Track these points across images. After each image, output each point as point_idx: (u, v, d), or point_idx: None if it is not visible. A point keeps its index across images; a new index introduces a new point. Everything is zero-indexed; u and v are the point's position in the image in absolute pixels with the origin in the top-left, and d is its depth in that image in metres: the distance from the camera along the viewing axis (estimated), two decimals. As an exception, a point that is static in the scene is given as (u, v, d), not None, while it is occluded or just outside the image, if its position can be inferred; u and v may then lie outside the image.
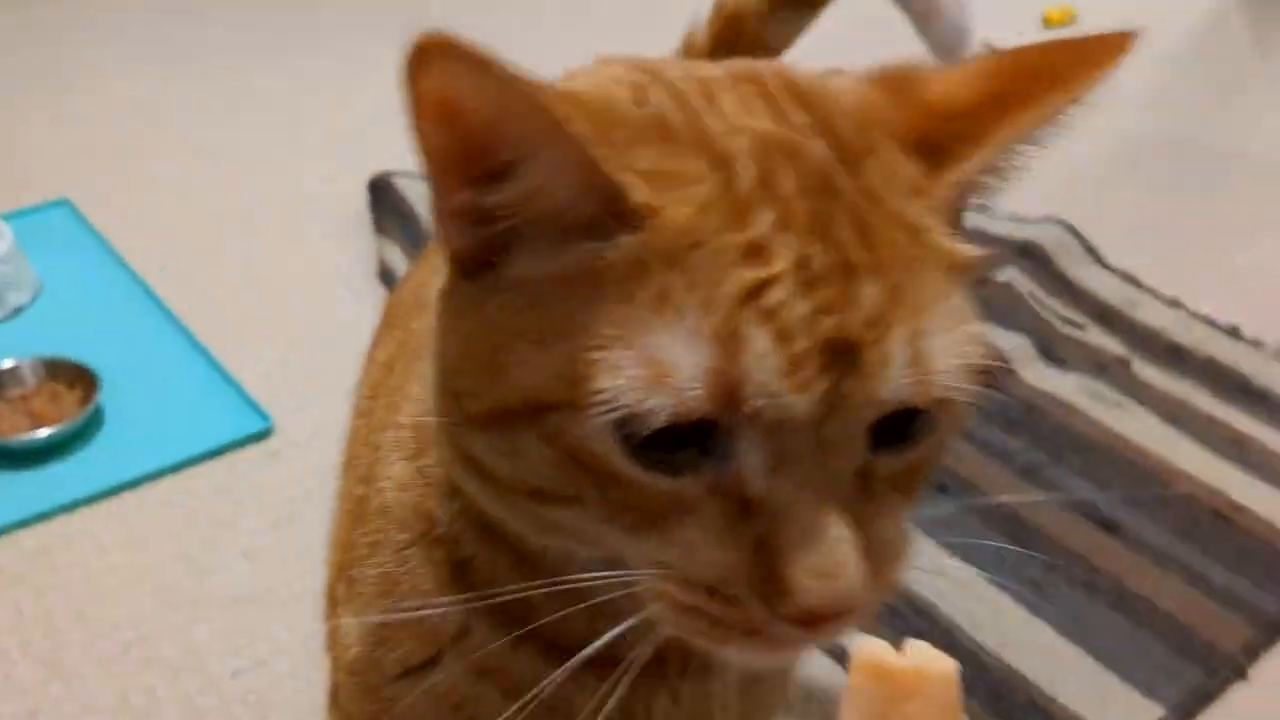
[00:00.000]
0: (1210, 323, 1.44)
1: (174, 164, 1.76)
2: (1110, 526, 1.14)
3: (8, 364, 1.25)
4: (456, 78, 0.36)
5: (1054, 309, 1.44)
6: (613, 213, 0.37)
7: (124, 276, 1.45)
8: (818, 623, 0.39)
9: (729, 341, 0.36)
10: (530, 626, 0.46)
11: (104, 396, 1.22)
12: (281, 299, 1.47)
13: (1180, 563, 1.11)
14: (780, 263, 0.37)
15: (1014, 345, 1.35)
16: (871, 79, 0.44)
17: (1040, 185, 1.75)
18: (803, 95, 0.42)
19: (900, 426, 0.40)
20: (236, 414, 1.24)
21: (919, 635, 1.00)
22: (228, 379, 1.28)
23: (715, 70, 0.44)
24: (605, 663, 0.43)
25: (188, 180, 1.72)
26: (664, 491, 0.39)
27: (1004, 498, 1.16)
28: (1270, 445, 1.25)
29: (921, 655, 0.40)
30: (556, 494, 0.40)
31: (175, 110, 1.92)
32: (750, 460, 0.38)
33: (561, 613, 0.45)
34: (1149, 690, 0.99)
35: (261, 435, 1.22)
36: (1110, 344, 1.39)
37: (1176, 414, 1.29)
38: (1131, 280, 1.51)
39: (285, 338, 1.38)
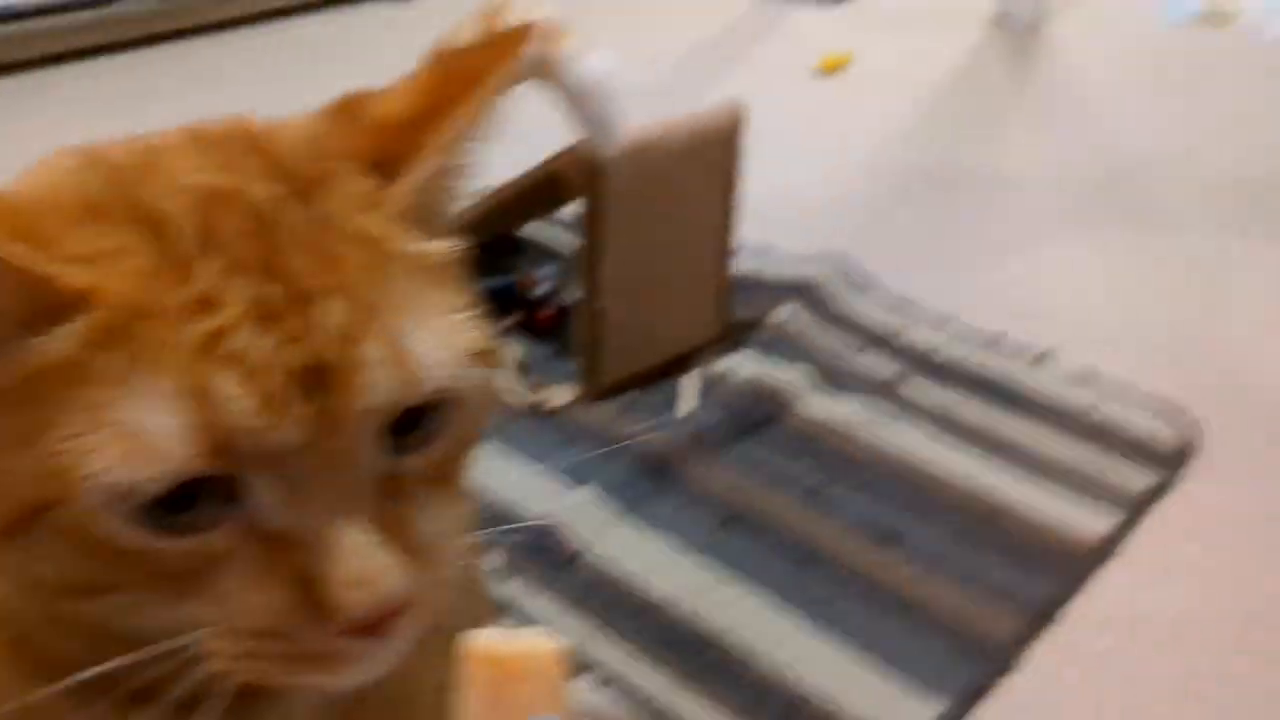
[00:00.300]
0: (976, 337, 1.54)
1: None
2: (890, 538, 1.20)
3: None
4: None
5: (831, 339, 1.51)
6: (51, 305, 0.38)
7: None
8: (375, 628, 0.40)
9: (199, 396, 0.38)
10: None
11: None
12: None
13: (955, 564, 1.17)
14: (234, 307, 0.39)
15: (794, 376, 1.42)
16: (326, 111, 0.47)
17: (814, 223, 1.86)
18: (255, 142, 0.44)
19: (417, 424, 0.42)
20: None
21: (708, 664, 1.04)
22: None
23: (171, 136, 0.45)
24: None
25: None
26: (194, 551, 0.40)
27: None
28: (1032, 445, 1.34)
29: (528, 640, 0.43)
30: (88, 586, 0.41)
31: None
32: (265, 498, 0.40)
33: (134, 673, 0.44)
34: (931, 688, 1.04)
35: None
36: (883, 367, 1.47)
37: (946, 425, 1.37)
38: (902, 304, 1.60)
39: None
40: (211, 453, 0.38)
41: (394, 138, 0.44)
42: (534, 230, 1.75)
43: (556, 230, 1.75)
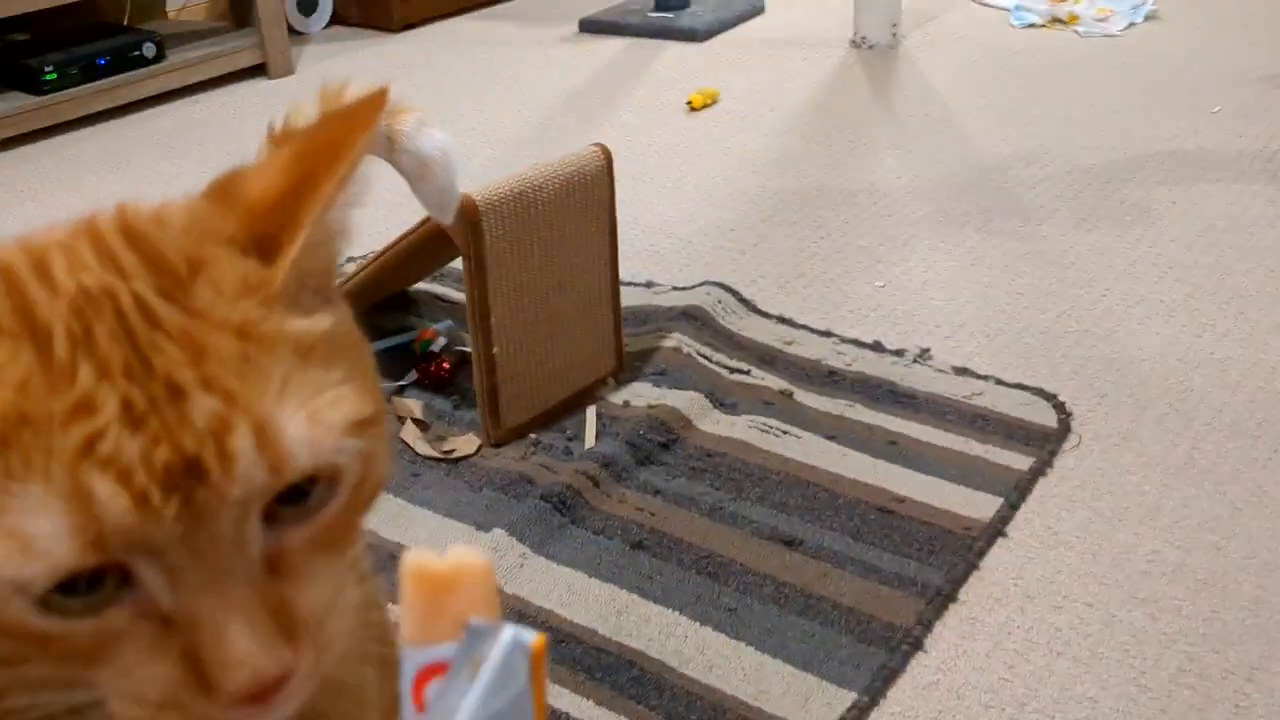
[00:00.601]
0: (857, 343, 1.61)
1: None
2: (792, 543, 1.25)
3: None
4: None
5: (720, 361, 1.57)
6: None
7: None
8: (259, 699, 0.43)
9: (78, 498, 0.40)
10: None
11: None
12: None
13: (855, 559, 1.23)
14: (107, 411, 0.40)
15: (689, 400, 1.47)
16: (205, 193, 0.48)
17: (693, 253, 1.92)
18: (135, 235, 0.45)
19: (302, 495, 0.44)
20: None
21: (631, 683, 1.08)
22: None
23: (58, 233, 0.46)
24: None
25: None
26: (92, 632, 0.42)
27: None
28: (919, 438, 1.41)
29: (458, 555, 0.44)
30: (3, 659, 0.42)
31: None
32: (152, 583, 0.42)
33: None
34: (842, 681, 1.09)
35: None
36: (773, 381, 1.53)
37: (837, 430, 1.43)
38: (785, 321, 1.67)
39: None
40: (93, 548, 0.40)
41: (267, 217, 0.46)
42: (425, 285, 1.78)
43: (448, 283, 1.78)
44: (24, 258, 0.45)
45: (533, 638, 0.43)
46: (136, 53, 2.73)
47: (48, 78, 2.60)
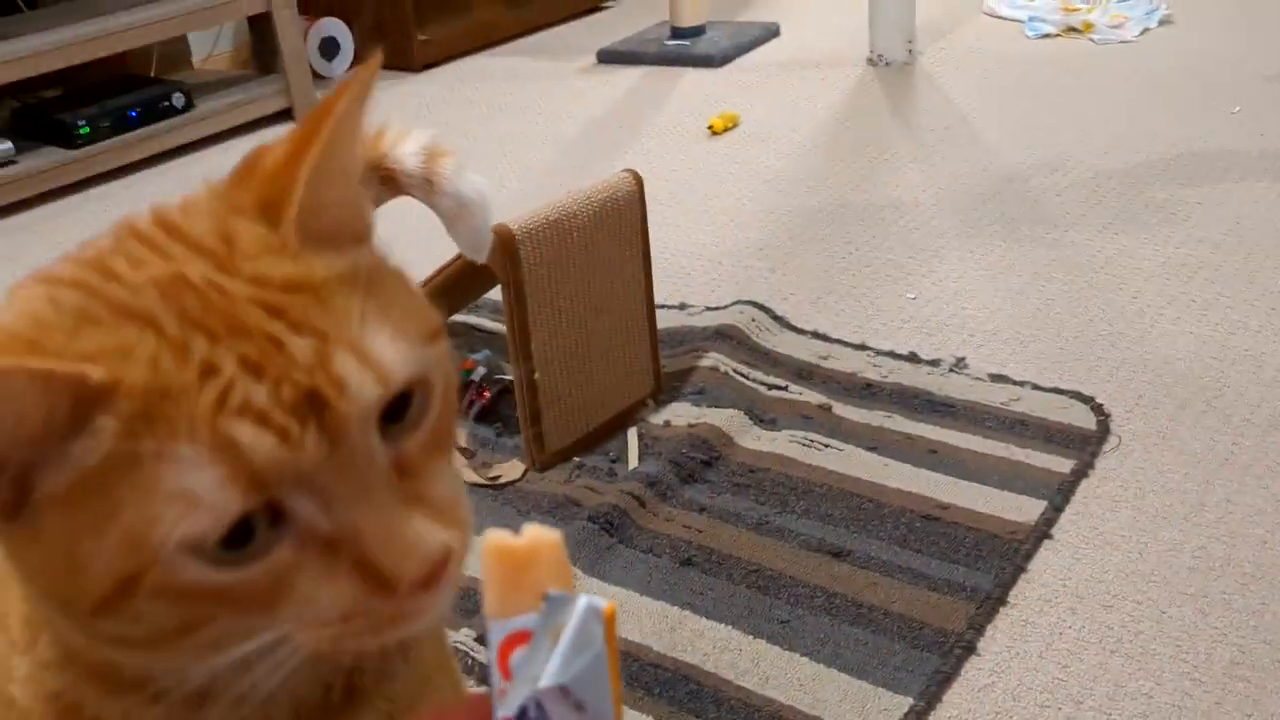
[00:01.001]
0: (892, 355, 1.63)
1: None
2: (840, 553, 1.27)
3: None
4: None
5: (758, 378, 1.59)
6: (83, 404, 0.44)
7: None
8: (429, 582, 0.47)
9: (226, 448, 0.44)
10: None
11: None
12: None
13: (903, 567, 1.24)
14: (228, 369, 0.45)
15: (729, 417, 1.49)
16: (232, 171, 0.53)
17: (724, 274, 1.94)
18: (171, 226, 0.50)
19: (403, 411, 0.49)
20: None
21: (689, 697, 1.10)
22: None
23: (103, 243, 0.51)
24: None
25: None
26: (265, 571, 0.46)
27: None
28: (960, 445, 1.42)
29: (533, 532, 0.48)
30: (191, 625, 0.47)
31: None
32: (308, 512, 0.46)
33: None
34: (897, 687, 1.10)
35: None
36: (812, 395, 1.54)
37: (877, 440, 1.44)
38: (820, 336, 1.69)
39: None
40: (252, 489, 0.44)
41: (271, 184, 0.51)
42: (461, 317, 1.81)
43: (484, 314, 1.81)
44: (86, 269, 0.49)
45: (605, 604, 0.46)
46: (166, 103, 2.79)
47: (81, 132, 2.66)
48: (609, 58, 3.26)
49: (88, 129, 2.67)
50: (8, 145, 2.57)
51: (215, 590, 0.46)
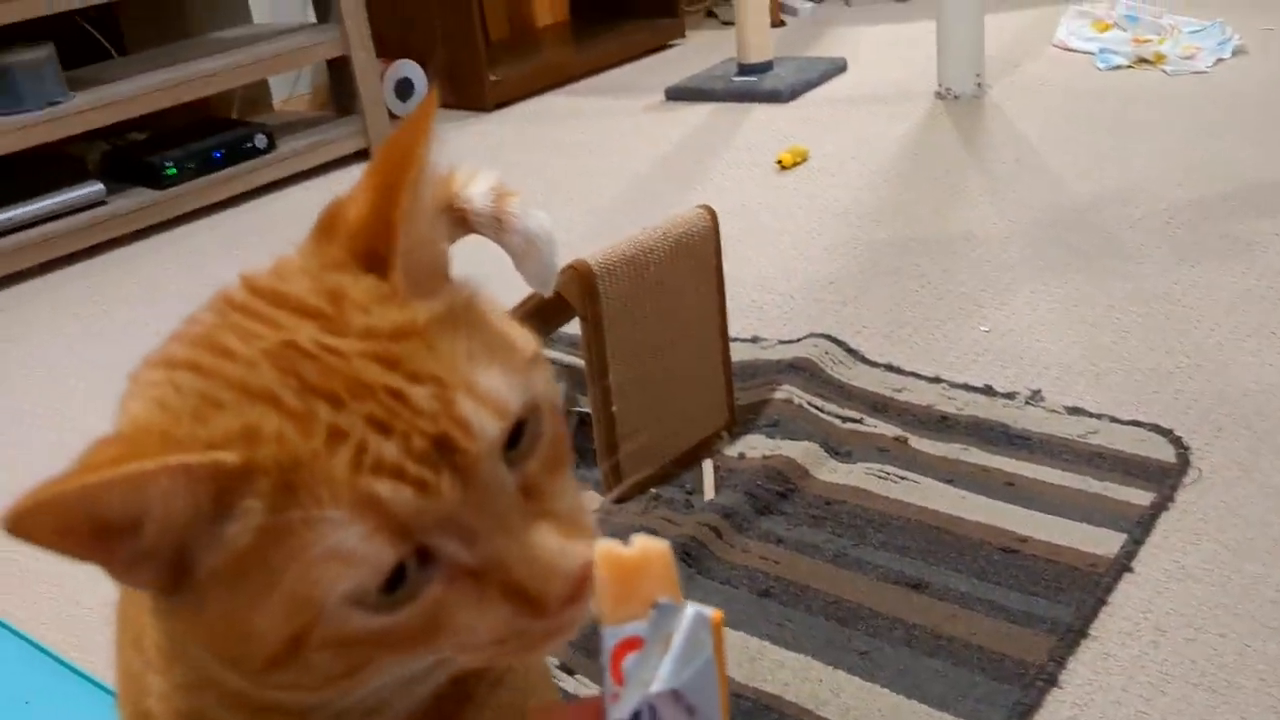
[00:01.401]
0: (967, 388, 1.63)
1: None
2: (918, 585, 1.27)
3: None
4: (48, 525, 0.45)
5: (832, 411, 1.60)
6: (224, 490, 0.46)
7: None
8: (576, 595, 0.50)
9: (369, 505, 0.46)
10: None
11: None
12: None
13: (982, 599, 1.24)
14: (356, 431, 0.47)
15: (804, 450, 1.50)
16: (312, 231, 0.55)
17: (796, 307, 1.95)
18: (269, 294, 0.52)
19: (519, 435, 0.51)
20: (105, 713, 1.27)
21: (769, 727, 1.09)
22: (91, 680, 1.32)
23: (207, 319, 0.52)
24: None
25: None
26: (420, 611, 0.49)
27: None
28: (1037, 478, 1.42)
29: (642, 542, 0.51)
30: (357, 668, 0.49)
31: None
32: (452, 550, 0.48)
33: None
34: (979, 718, 1.10)
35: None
36: (886, 428, 1.55)
37: (954, 473, 1.45)
38: (894, 369, 1.70)
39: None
40: (399, 538, 0.47)
41: (365, 236, 0.52)
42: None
43: (559, 348, 1.84)
44: (198, 350, 0.51)
45: (712, 612, 0.49)
46: (249, 145, 2.88)
47: (168, 173, 2.75)
48: (677, 95, 3.30)
49: (174, 170, 2.76)
50: (99, 186, 2.67)
51: (377, 634, 0.48)
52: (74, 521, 0.45)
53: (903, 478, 1.45)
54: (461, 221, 1.23)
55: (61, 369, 2.10)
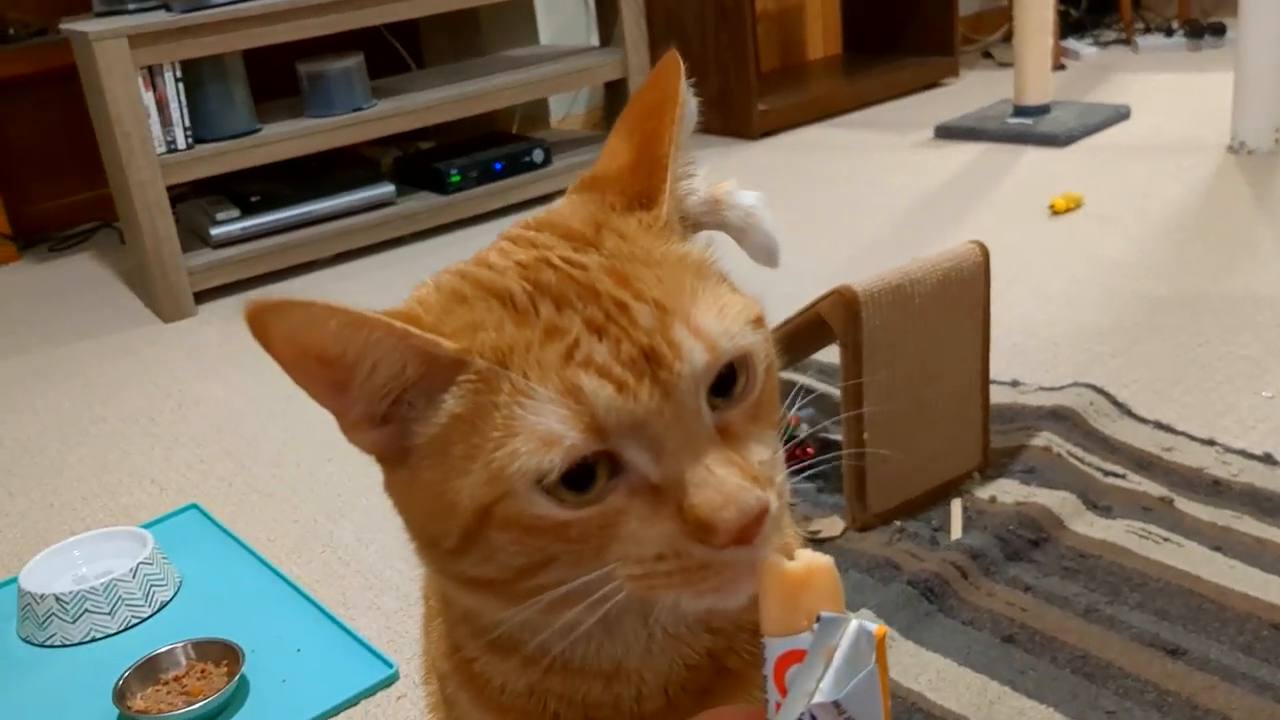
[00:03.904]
0: (1244, 454, 1.54)
1: (279, 468, 1.96)
2: (1175, 651, 1.21)
3: (161, 650, 1.40)
4: (294, 326, 0.52)
5: (1093, 463, 1.55)
6: (442, 368, 0.53)
7: (251, 561, 1.62)
8: (745, 535, 0.51)
9: (572, 395, 0.51)
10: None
11: (247, 668, 1.36)
12: (390, 556, 1.62)
13: (1245, 675, 1.17)
14: (573, 329, 0.52)
15: (1060, 500, 1.46)
16: (575, 190, 0.63)
17: (1062, 355, 1.89)
18: (541, 224, 0.60)
19: (729, 385, 0.55)
20: (364, 665, 1.37)
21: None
22: (353, 636, 1.42)
23: (493, 246, 0.61)
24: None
25: (294, 482, 1.91)
26: (599, 513, 0.53)
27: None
28: (1318, 557, 1.33)
29: (807, 557, 0.53)
30: (534, 563, 0.54)
31: (271, 418, 2.14)
32: (639, 461, 0.52)
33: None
34: (1235, 797, 1.04)
35: (388, 681, 1.35)
36: (1151, 487, 1.48)
37: (1223, 541, 1.37)
38: (1164, 428, 1.62)
39: (399, 590, 1.53)
40: (593, 433, 0.51)
41: (635, 177, 0.60)
42: (791, 374, 1.86)
43: (810, 374, 1.85)
44: (468, 264, 0.60)
45: (875, 626, 0.49)
46: (527, 158, 3.03)
47: (453, 180, 2.93)
48: (947, 133, 3.26)
49: (459, 177, 2.94)
50: (390, 188, 2.88)
51: (555, 525, 0.53)
52: (300, 332, 0.52)
53: (1165, 539, 1.38)
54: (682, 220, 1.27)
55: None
